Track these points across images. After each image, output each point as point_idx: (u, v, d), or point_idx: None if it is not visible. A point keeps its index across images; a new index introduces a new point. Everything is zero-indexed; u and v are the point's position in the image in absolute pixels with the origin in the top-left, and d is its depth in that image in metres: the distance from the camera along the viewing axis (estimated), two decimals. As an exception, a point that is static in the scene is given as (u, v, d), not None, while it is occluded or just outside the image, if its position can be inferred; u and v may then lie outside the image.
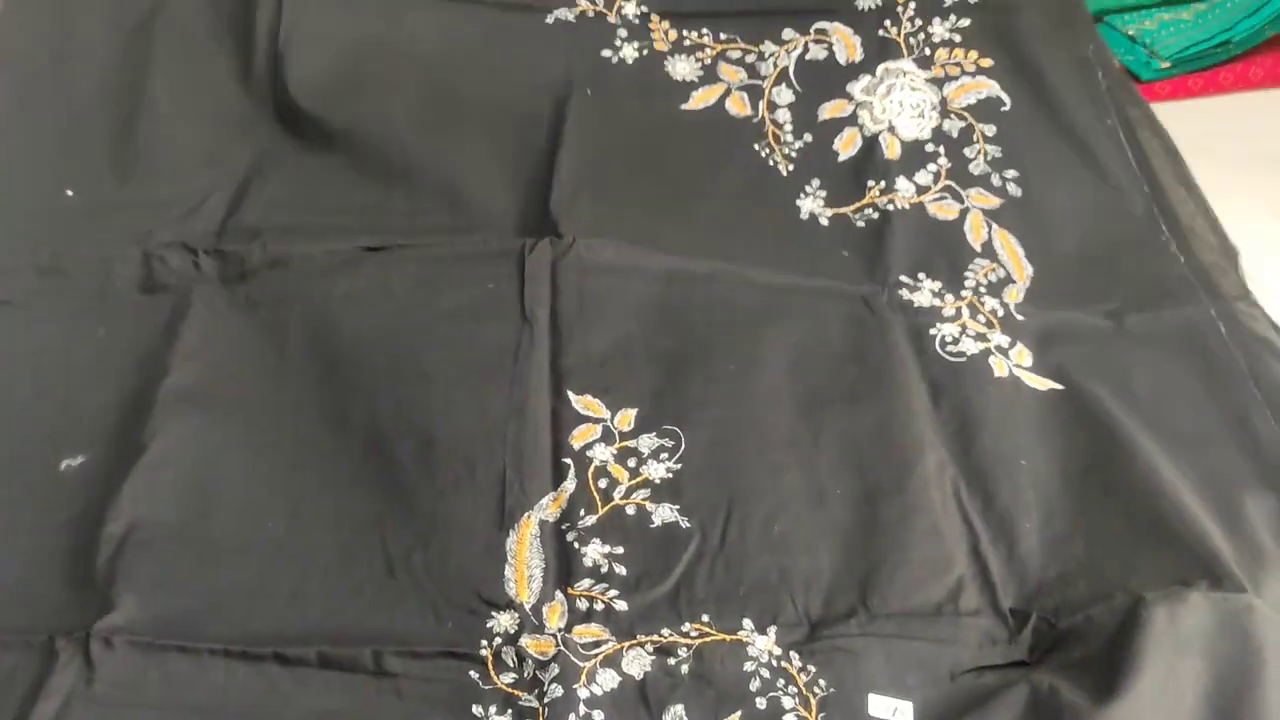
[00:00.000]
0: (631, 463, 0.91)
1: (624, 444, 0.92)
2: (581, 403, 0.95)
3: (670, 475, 0.90)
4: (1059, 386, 1.00)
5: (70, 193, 1.11)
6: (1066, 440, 0.96)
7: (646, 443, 0.92)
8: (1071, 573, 0.86)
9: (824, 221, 1.14)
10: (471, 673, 0.79)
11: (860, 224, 1.14)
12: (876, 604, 0.83)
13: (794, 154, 1.19)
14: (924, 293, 1.08)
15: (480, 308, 1.01)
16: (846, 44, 1.23)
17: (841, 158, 1.19)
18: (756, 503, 0.89)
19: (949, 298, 1.08)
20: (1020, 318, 1.06)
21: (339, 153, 1.16)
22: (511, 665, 0.79)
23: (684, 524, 0.87)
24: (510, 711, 0.77)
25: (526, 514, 0.87)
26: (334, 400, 0.96)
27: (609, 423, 0.94)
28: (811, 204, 1.16)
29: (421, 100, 1.20)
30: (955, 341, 1.04)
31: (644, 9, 1.28)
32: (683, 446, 0.92)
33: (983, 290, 1.09)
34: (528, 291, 1.02)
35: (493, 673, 0.79)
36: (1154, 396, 0.99)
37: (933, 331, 1.04)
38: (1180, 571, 0.84)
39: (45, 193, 1.10)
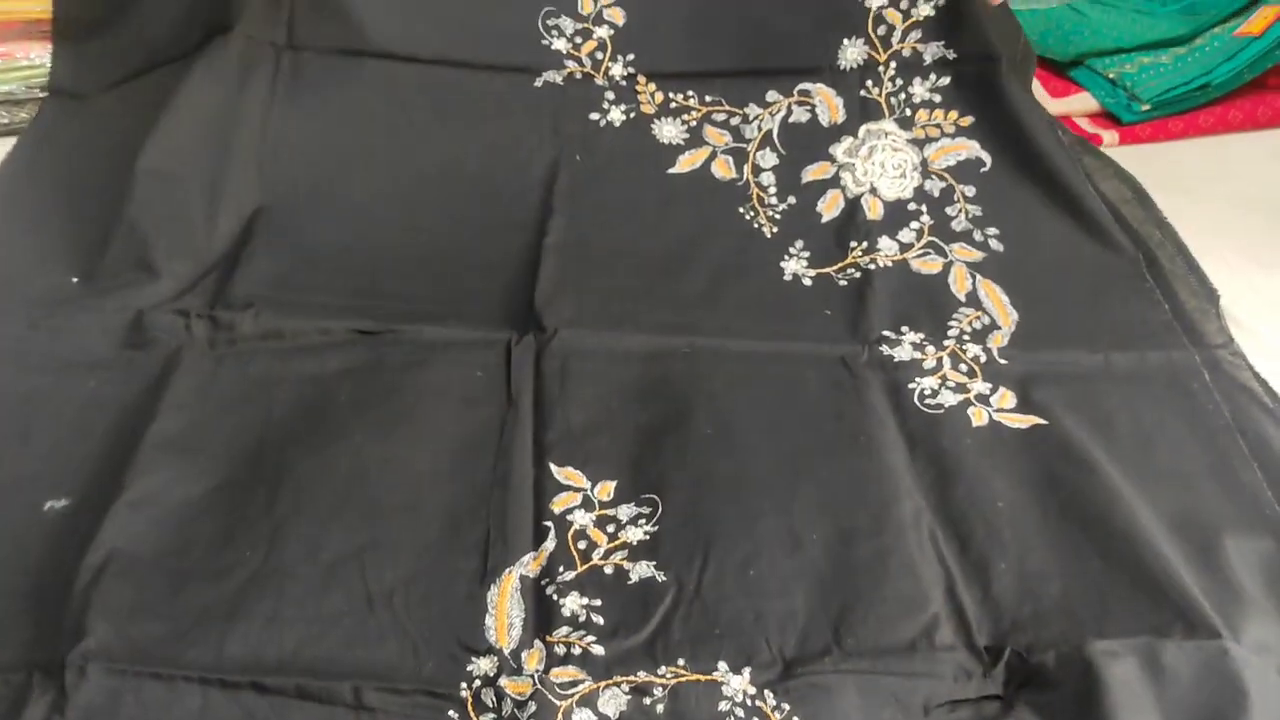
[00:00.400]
0: (610, 528, 0.92)
1: (603, 512, 0.93)
2: (563, 474, 0.96)
3: (648, 537, 0.91)
4: (1042, 422, 1.01)
5: (75, 279, 1.14)
6: (1046, 479, 0.96)
7: (625, 511, 0.93)
8: (1046, 611, 0.86)
9: (807, 282, 1.16)
10: (451, 712, 0.79)
11: (843, 283, 1.17)
12: (850, 643, 0.83)
13: (778, 216, 1.23)
14: (905, 347, 1.10)
15: (469, 391, 1.03)
16: (829, 105, 1.26)
17: (825, 219, 1.23)
18: (732, 548, 0.90)
19: (930, 349, 1.09)
20: (1003, 361, 1.08)
21: (330, 235, 1.19)
22: (490, 705, 0.79)
23: (660, 578, 0.88)
24: (488, 752, 0.77)
25: (508, 570, 0.88)
26: (318, 450, 0.97)
27: (589, 492, 0.95)
28: (795, 265, 1.19)
29: (411, 178, 1.24)
30: (934, 394, 1.05)
31: (631, 70, 1.32)
32: (660, 512, 0.93)
33: (966, 338, 1.11)
34: (514, 378, 1.04)
35: (472, 713, 0.79)
36: (1136, 436, 1.00)
37: (911, 386, 1.06)
38: (1154, 619, 0.84)
39: (53, 282, 1.13)
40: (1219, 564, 0.89)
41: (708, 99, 1.32)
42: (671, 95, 1.32)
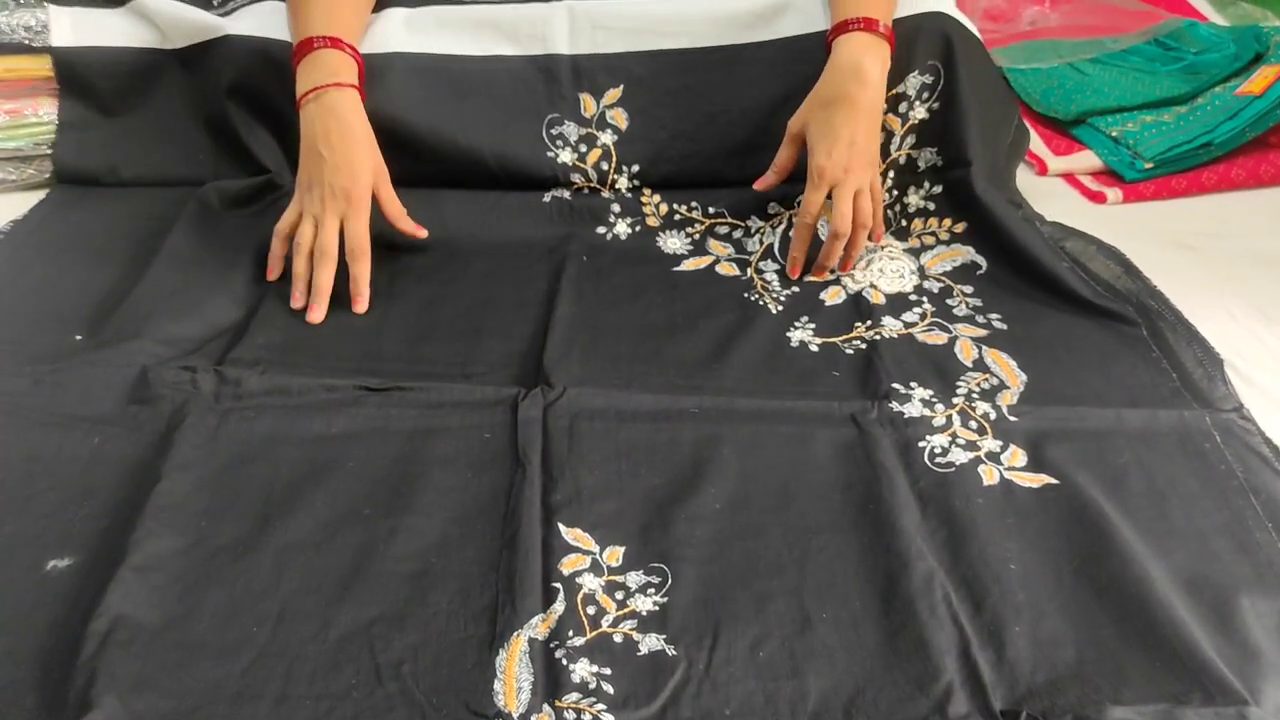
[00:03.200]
0: (619, 595, 0.92)
1: (612, 578, 0.93)
2: (571, 534, 0.96)
3: (657, 608, 0.91)
4: (1054, 481, 1.01)
5: (79, 337, 1.15)
6: (1060, 540, 0.96)
7: (634, 579, 0.93)
8: (1062, 678, 0.85)
9: (814, 348, 1.17)
10: None
11: (849, 351, 1.18)
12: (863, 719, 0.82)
13: (783, 299, 1.26)
14: (914, 403, 1.10)
15: (476, 456, 1.03)
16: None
17: (828, 304, 1.25)
18: (742, 630, 0.89)
19: (940, 406, 1.09)
20: (1013, 419, 1.08)
21: (340, 305, 1.23)
22: (499, 766, 0.78)
23: (670, 652, 0.87)
24: (498, 814, 0.76)
25: (516, 633, 0.87)
26: (325, 520, 0.97)
27: (598, 556, 0.94)
28: (801, 334, 1.20)
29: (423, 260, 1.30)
30: (944, 453, 1.05)
31: (636, 182, 1.37)
32: (669, 582, 0.92)
33: (975, 396, 1.11)
34: (521, 437, 1.04)
35: None
36: (1149, 494, 1.00)
37: (921, 444, 1.06)
38: (1172, 685, 0.83)
39: (57, 340, 1.15)
40: (1236, 625, 0.88)
41: (711, 210, 1.36)
42: (675, 207, 1.37)
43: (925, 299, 1.25)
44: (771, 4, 1.35)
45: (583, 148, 1.36)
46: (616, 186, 1.36)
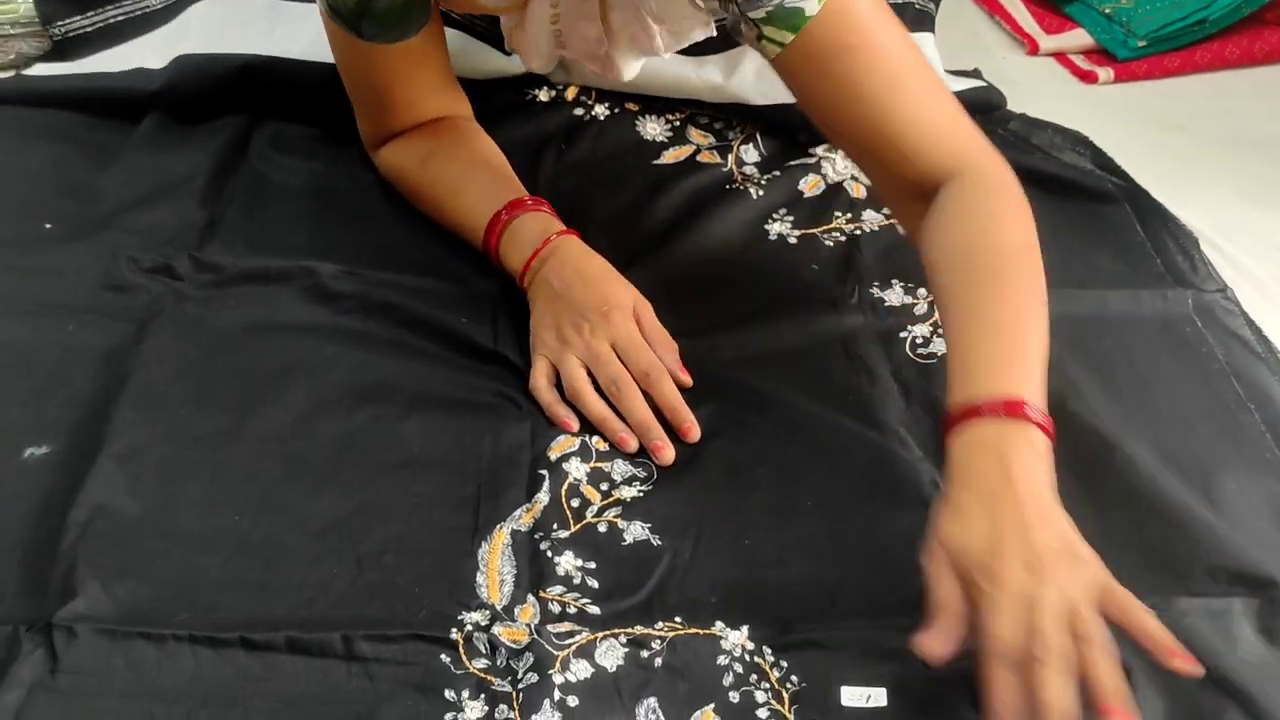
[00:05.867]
0: (604, 486, 0.91)
1: (598, 464, 0.93)
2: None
3: (641, 495, 0.91)
4: None
5: (49, 225, 1.13)
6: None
7: (620, 469, 0.92)
8: None
9: (792, 240, 1.15)
10: (443, 656, 0.78)
11: (829, 243, 1.16)
12: (847, 606, 0.83)
13: (763, 184, 1.22)
14: (895, 290, 1.09)
15: (457, 344, 1.02)
16: None
17: (807, 195, 1.22)
18: (726, 518, 0.89)
19: (921, 292, 1.09)
20: None
21: (311, 200, 1.20)
22: (484, 652, 0.79)
23: (655, 542, 0.87)
24: (484, 696, 0.76)
25: (500, 525, 0.87)
26: (305, 410, 0.96)
27: (586, 439, 0.94)
28: (779, 227, 1.18)
29: None
30: (925, 343, 1.04)
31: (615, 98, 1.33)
32: (655, 474, 0.92)
33: None
34: (499, 327, 1.04)
35: (464, 658, 0.78)
36: (1132, 379, 1.00)
37: (903, 334, 1.05)
38: (1155, 579, 0.84)
39: (27, 228, 1.12)
40: (1222, 506, 0.90)
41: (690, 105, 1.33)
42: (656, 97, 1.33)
43: None
44: None
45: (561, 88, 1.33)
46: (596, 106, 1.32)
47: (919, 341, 1.04)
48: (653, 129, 1.30)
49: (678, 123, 1.31)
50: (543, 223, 1.05)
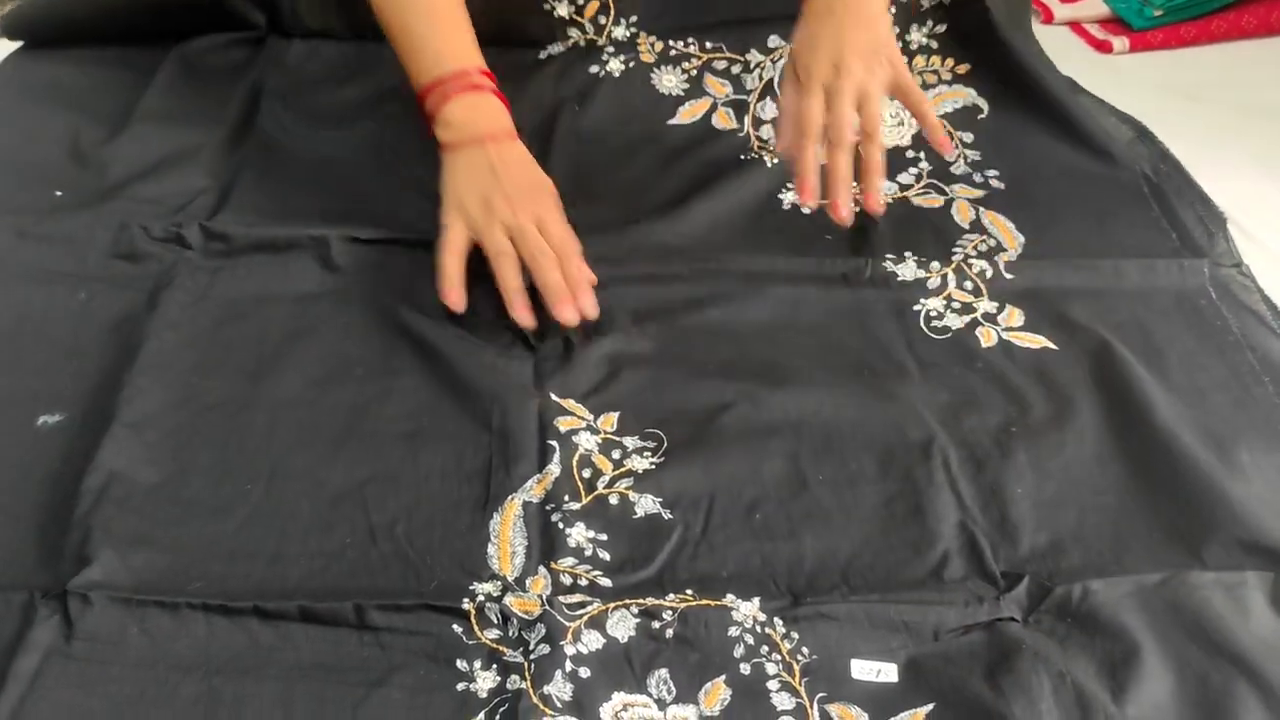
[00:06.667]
0: (616, 455, 0.91)
1: (608, 436, 0.93)
2: (564, 404, 0.95)
3: (653, 467, 0.91)
4: (1053, 346, 1.00)
5: (59, 193, 1.13)
6: (1058, 400, 0.96)
7: (630, 442, 0.93)
8: (1063, 540, 0.85)
9: (805, 210, 1.13)
10: (455, 626, 0.78)
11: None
12: (858, 583, 0.83)
13: (779, 155, 1.20)
14: (909, 263, 1.08)
15: (468, 314, 1.01)
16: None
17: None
18: (738, 492, 0.89)
19: (935, 265, 1.08)
20: (1010, 276, 1.07)
21: (321, 165, 1.19)
22: (496, 622, 0.79)
23: (666, 516, 0.87)
24: (495, 666, 0.77)
25: (511, 497, 0.87)
26: (317, 378, 0.96)
27: (593, 422, 0.94)
28: (793, 196, 1.16)
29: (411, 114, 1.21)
30: (940, 317, 1.04)
31: (633, 30, 1.31)
32: (665, 445, 0.92)
33: (971, 256, 1.10)
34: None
35: (476, 627, 0.79)
36: (1147, 352, 1.00)
37: (916, 308, 1.05)
38: (1173, 555, 0.84)
39: (37, 195, 1.12)
40: (1237, 477, 0.89)
41: (708, 45, 1.30)
42: (671, 43, 1.30)
43: (922, 154, 1.22)
44: None
45: (581, 1, 1.31)
46: (613, 36, 1.31)
47: (932, 315, 1.03)
48: (669, 81, 1.27)
49: (694, 71, 1.29)
50: (491, 116, 1.07)
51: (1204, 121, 1.32)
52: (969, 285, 1.06)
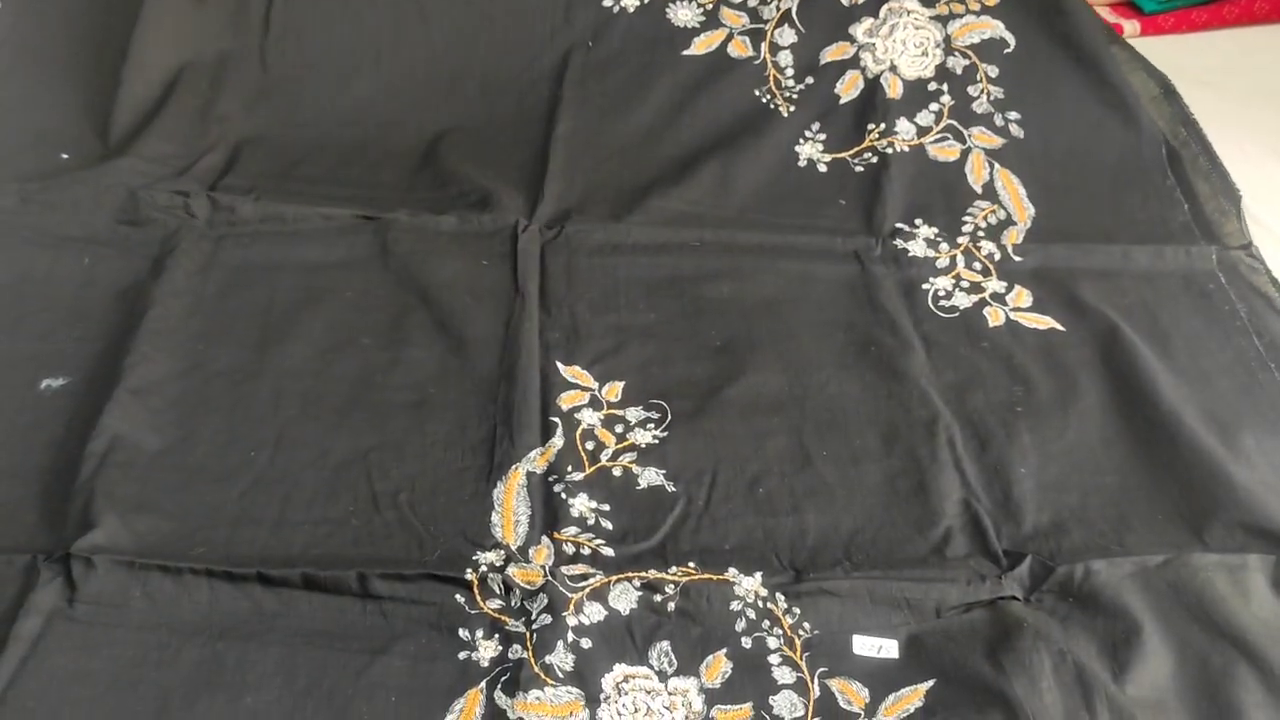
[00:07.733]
0: (619, 429, 0.91)
1: (611, 411, 0.92)
2: (570, 372, 0.95)
3: (656, 441, 0.90)
4: (1060, 327, 1.00)
5: (65, 156, 1.12)
6: (1064, 381, 0.96)
7: (634, 414, 0.92)
8: (1066, 520, 0.86)
9: (822, 168, 1.13)
10: (458, 596, 0.79)
11: (859, 169, 1.14)
12: (860, 559, 0.83)
13: (795, 96, 1.19)
14: (919, 241, 1.08)
15: (474, 281, 1.01)
16: None
17: (843, 100, 1.18)
18: (741, 466, 0.89)
19: (944, 246, 1.07)
20: (1018, 259, 1.07)
21: (334, 127, 1.17)
22: (498, 592, 0.79)
23: (670, 488, 0.87)
24: (497, 636, 0.77)
25: (515, 466, 0.87)
26: (323, 348, 0.96)
27: (597, 392, 0.94)
28: (810, 149, 1.16)
29: (419, 69, 1.21)
30: (948, 296, 1.03)
31: None
32: (669, 418, 0.92)
33: (980, 234, 1.09)
34: (520, 268, 1.03)
35: (479, 597, 0.79)
36: (1154, 335, 1.00)
37: (925, 286, 1.04)
38: (1173, 535, 0.85)
39: (43, 158, 1.11)
40: (1241, 460, 0.90)
41: None
42: None
43: (945, 86, 1.19)
44: None
45: None
46: None
47: (941, 294, 1.03)
48: (684, 15, 1.24)
49: (710, 5, 1.25)
50: None
51: (1214, 107, 1.31)
52: (978, 266, 1.06)
